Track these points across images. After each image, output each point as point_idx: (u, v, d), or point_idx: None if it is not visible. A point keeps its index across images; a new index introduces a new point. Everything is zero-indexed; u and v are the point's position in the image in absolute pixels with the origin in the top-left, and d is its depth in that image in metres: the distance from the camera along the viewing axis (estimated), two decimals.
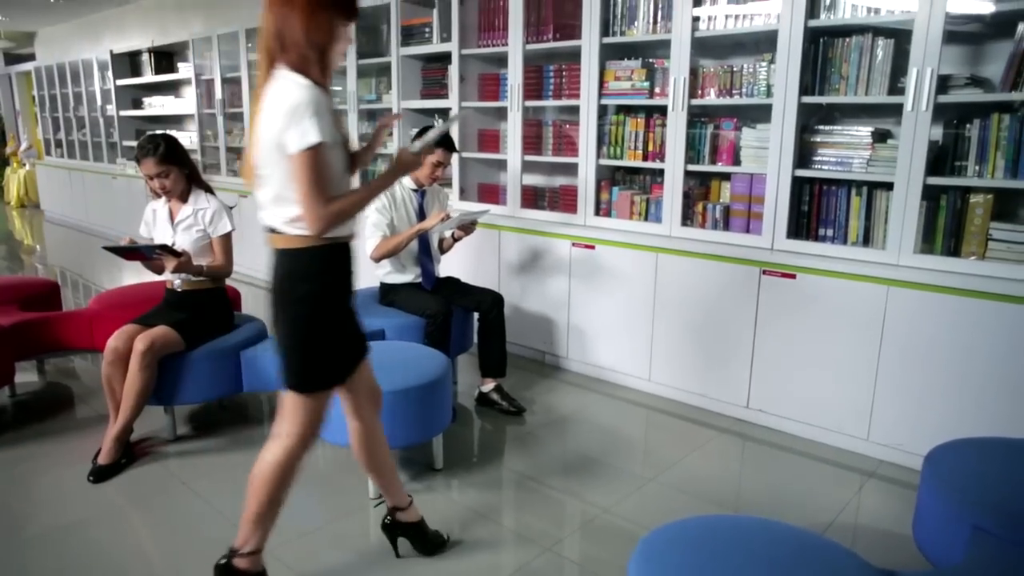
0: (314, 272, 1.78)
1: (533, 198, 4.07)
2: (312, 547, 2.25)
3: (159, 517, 2.43)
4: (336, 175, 1.76)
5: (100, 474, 2.62)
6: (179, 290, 2.93)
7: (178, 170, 2.83)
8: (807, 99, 2.92)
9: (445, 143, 3.26)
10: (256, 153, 1.75)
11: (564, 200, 3.90)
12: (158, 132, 2.95)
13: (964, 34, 2.74)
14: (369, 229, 3.22)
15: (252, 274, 6.07)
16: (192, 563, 2.16)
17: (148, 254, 2.75)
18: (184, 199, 2.91)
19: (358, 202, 1.78)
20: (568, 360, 3.82)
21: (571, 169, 3.79)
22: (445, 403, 2.60)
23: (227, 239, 2.94)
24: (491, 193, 4.29)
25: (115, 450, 2.66)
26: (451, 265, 4.18)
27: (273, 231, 1.80)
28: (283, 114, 1.66)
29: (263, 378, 2.93)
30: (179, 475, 2.68)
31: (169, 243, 2.84)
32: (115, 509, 2.48)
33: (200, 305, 2.93)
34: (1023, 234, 2.56)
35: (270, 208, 1.78)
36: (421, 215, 3.33)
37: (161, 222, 2.94)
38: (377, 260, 3.25)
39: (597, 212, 3.69)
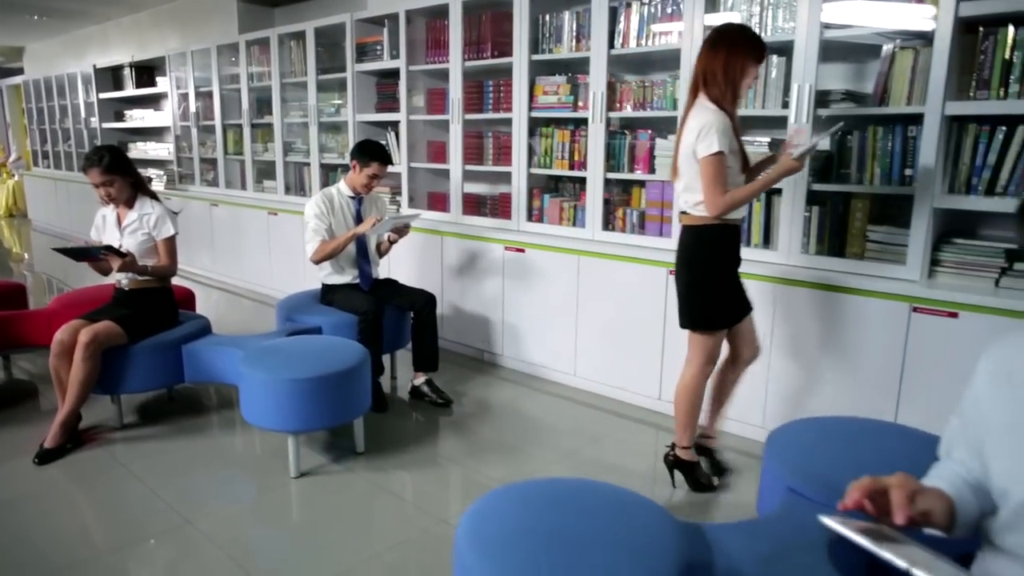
0: (715, 242, 2.45)
1: (476, 205, 4.31)
2: (237, 522, 2.47)
3: (95, 496, 2.65)
4: (731, 175, 2.39)
5: (44, 457, 2.83)
6: (126, 289, 3.16)
7: (122, 179, 3.07)
8: None
9: (381, 156, 3.49)
10: (678, 156, 2.45)
11: (502, 207, 4.13)
12: (103, 144, 3.20)
13: (843, 52, 2.98)
14: (309, 234, 3.46)
15: (225, 280, 6.30)
16: (121, 535, 2.38)
17: (96, 255, 2.98)
18: (131, 205, 3.15)
19: (746, 194, 2.39)
20: (503, 357, 4.04)
21: (510, 178, 4.03)
22: (362, 390, 2.82)
23: (170, 242, 3.17)
24: (439, 201, 4.52)
25: (60, 435, 2.88)
26: (397, 268, 4.41)
27: (684, 213, 2.49)
28: (697, 130, 2.32)
29: (204, 370, 3.15)
30: (121, 459, 2.90)
31: (116, 245, 3.07)
32: (53, 488, 2.69)
33: (145, 302, 3.16)
34: (894, 235, 2.79)
35: (682, 195, 2.49)
36: (358, 220, 3.56)
37: (110, 226, 3.18)
38: (316, 262, 3.48)
39: (530, 218, 3.93)
